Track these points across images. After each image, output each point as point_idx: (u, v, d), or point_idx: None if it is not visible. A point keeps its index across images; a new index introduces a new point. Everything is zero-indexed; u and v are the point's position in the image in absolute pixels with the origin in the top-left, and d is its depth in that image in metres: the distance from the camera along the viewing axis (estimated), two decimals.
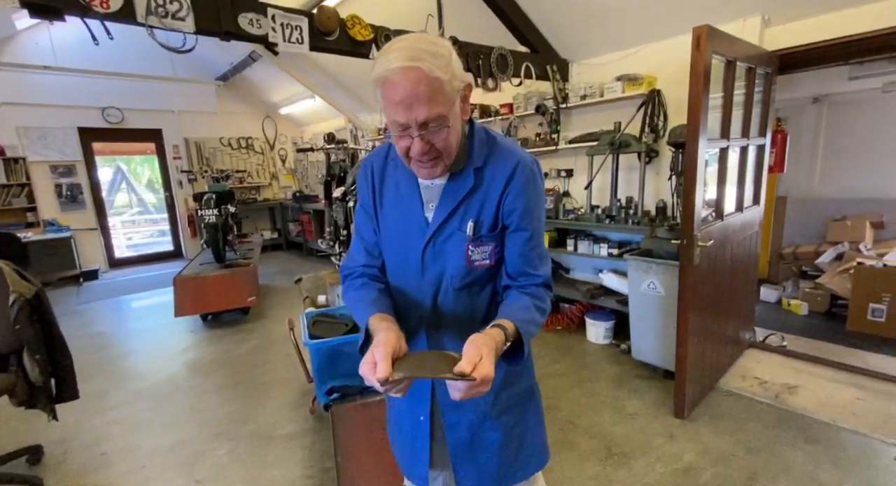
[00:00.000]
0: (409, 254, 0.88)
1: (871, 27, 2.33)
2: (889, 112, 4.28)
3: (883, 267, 3.40)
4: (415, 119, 0.71)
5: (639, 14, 3.00)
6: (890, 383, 2.52)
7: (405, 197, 0.88)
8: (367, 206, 0.93)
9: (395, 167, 0.90)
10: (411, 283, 0.90)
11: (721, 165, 2.41)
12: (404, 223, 0.89)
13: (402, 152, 0.78)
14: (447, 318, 0.90)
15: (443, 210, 0.85)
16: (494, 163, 0.85)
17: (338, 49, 2.52)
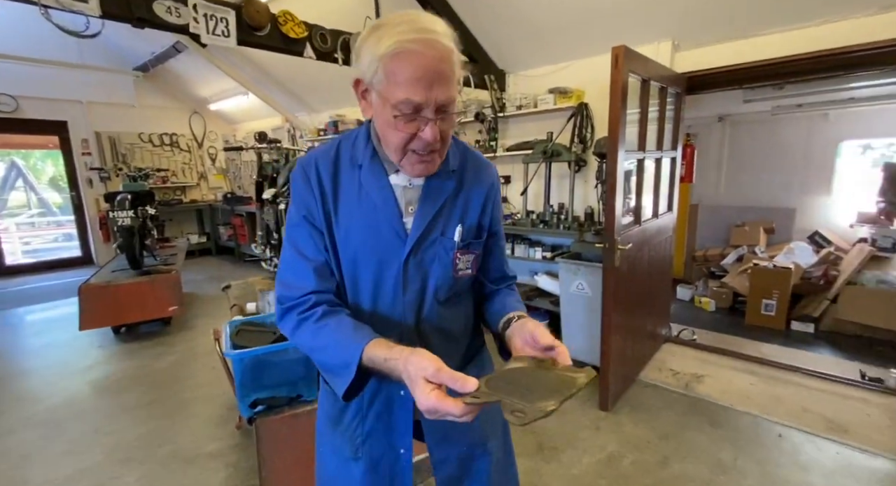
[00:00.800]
0: (384, 270, 0.76)
1: (759, 57, 2.66)
2: (777, 133, 4.92)
3: (773, 267, 3.89)
4: (434, 100, 0.63)
5: (568, 33, 3.19)
6: (777, 368, 2.88)
7: (375, 202, 0.76)
8: (315, 218, 0.76)
9: (350, 168, 0.77)
10: (386, 303, 0.78)
11: (638, 175, 2.62)
12: (374, 234, 0.76)
13: (401, 143, 0.68)
14: (433, 337, 0.81)
15: (425, 214, 0.77)
16: (473, 169, 0.83)
17: (269, 45, 2.42)
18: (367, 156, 0.77)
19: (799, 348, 3.30)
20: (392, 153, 0.72)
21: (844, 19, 2.37)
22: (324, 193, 0.76)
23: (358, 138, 0.79)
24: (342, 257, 0.77)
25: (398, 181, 0.77)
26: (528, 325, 0.71)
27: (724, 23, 2.69)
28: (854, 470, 1.91)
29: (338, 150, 0.79)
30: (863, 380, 2.66)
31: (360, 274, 0.77)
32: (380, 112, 0.68)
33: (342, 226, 0.76)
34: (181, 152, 7.38)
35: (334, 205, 0.76)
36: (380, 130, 0.72)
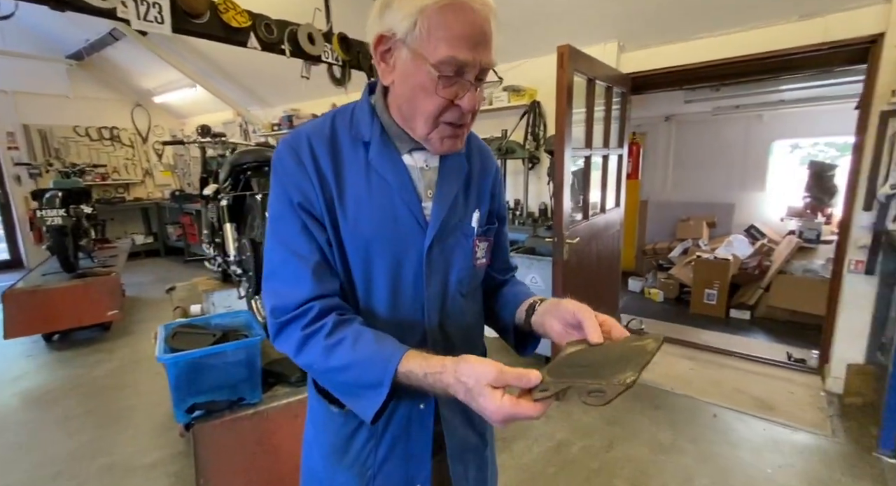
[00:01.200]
0: (403, 263, 0.67)
1: (697, 60, 2.81)
2: (717, 132, 5.22)
3: (714, 259, 4.13)
4: (479, 61, 0.58)
5: (519, 31, 3.24)
6: (715, 354, 3.07)
7: (390, 185, 0.66)
8: (313, 206, 0.64)
9: (353, 147, 0.67)
10: (406, 301, 0.68)
11: (586, 171, 2.71)
12: (391, 222, 0.66)
13: (436, 110, 0.60)
14: (457, 337, 0.74)
15: (445, 198, 0.70)
16: (478, 151, 0.78)
17: (208, 34, 2.30)
18: (375, 132, 0.67)
19: (736, 333, 3.53)
20: (420, 125, 0.63)
21: (769, 26, 2.54)
22: (322, 177, 0.64)
23: (358, 113, 0.69)
24: (351, 251, 0.66)
25: (412, 162, 0.69)
26: (566, 305, 0.64)
27: (666, 26, 2.82)
28: (778, 445, 2.07)
29: (333, 126, 0.68)
30: (789, 361, 2.89)
31: (375, 270, 0.66)
32: (411, 73, 0.59)
33: (350, 214, 0.65)
34: (123, 147, 6.92)
35: (338, 190, 0.65)
36: (407, 97, 0.62)
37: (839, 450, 2.00)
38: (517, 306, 0.76)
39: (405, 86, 0.62)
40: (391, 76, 0.63)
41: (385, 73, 0.64)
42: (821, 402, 2.40)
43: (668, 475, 1.88)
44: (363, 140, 0.67)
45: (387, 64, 0.63)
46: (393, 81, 0.64)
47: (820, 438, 2.10)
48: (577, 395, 0.48)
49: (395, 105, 0.66)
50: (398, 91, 0.64)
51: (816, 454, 1.99)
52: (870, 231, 2.29)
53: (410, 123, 0.65)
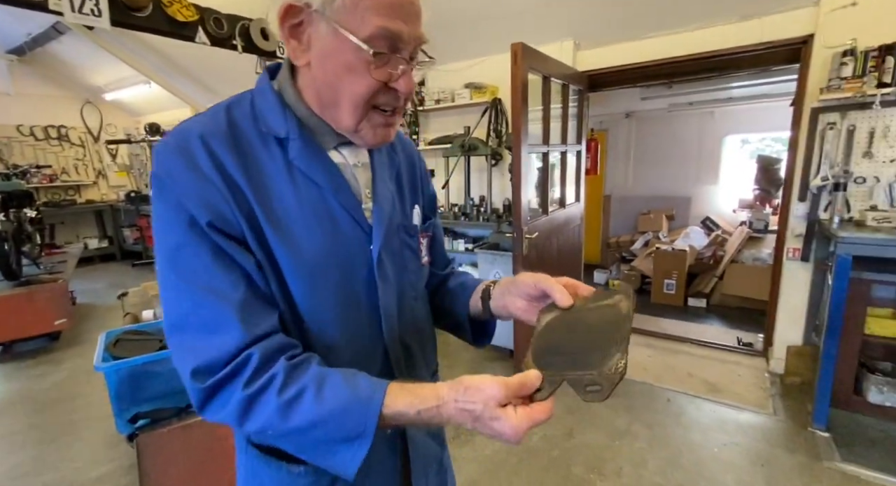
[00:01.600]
0: (352, 276, 0.58)
1: (649, 58, 2.91)
2: (673, 128, 5.42)
3: (672, 250, 4.30)
4: (414, 35, 0.52)
5: (477, 28, 3.26)
6: (671, 341, 3.20)
7: (323, 189, 0.56)
8: (229, 223, 0.51)
9: (262, 144, 0.55)
10: (361, 318, 0.59)
11: (545, 167, 2.76)
12: (331, 230, 0.57)
13: (367, 93, 0.52)
14: (416, 345, 0.68)
15: (385, 197, 0.63)
16: (399, 141, 0.72)
17: (152, 28, 2.21)
18: (292, 126, 0.56)
19: (693, 321, 3.69)
20: (346, 113, 0.54)
21: (712, 26, 2.66)
22: (233, 184, 0.51)
23: (261, 103, 0.57)
24: (289, 271, 0.53)
25: (342, 160, 0.61)
26: (524, 279, 0.61)
27: (619, 25, 2.90)
28: (724, 424, 2.18)
29: (231, 119, 0.55)
30: (739, 345, 3.05)
31: (320, 288, 0.55)
32: (333, 52, 0.50)
33: (282, 227, 0.53)
34: (73, 147, 6.55)
35: (257, 198, 0.52)
36: (328, 81, 0.53)
37: (779, 427, 2.13)
38: (468, 296, 0.73)
39: (325, 67, 0.52)
40: (305, 56, 0.53)
41: (297, 53, 0.54)
42: (764, 382, 2.54)
43: (622, 459, 1.95)
44: (277, 136, 0.56)
45: (299, 41, 0.53)
46: (308, 63, 0.54)
47: (762, 416, 2.23)
48: (574, 390, 0.46)
49: (312, 91, 0.56)
50: (316, 74, 0.54)
51: (759, 431, 2.11)
52: (804, 220, 2.44)
53: (333, 113, 0.55)
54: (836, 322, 1.97)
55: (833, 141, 2.30)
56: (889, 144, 2.18)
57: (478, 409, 0.45)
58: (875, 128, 2.20)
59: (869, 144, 2.22)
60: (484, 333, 0.76)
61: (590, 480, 1.84)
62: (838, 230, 2.03)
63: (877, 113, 2.15)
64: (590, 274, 4.87)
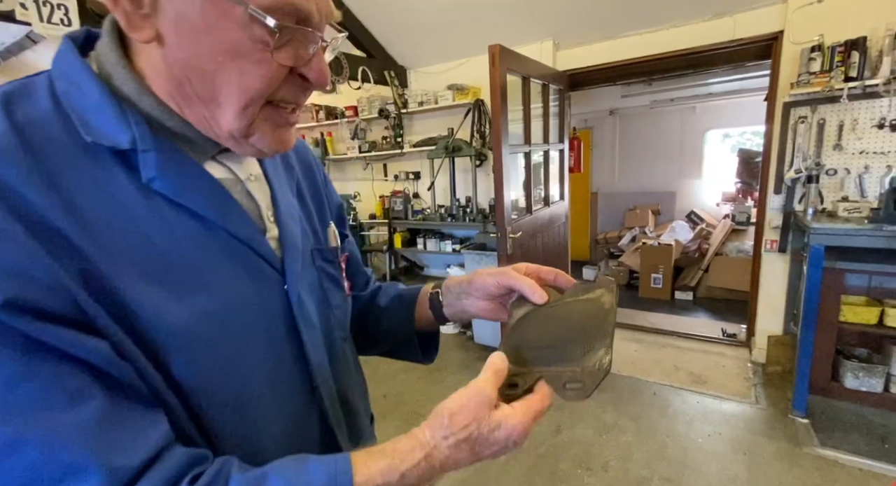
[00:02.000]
0: (266, 337, 0.44)
1: (627, 56, 2.95)
2: (656, 124, 5.49)
3: (658, 245, 4.36)
4: (327, 11, 0.39)
5: (458, 30, 3.29)
6: (658, 334, 3.25)
7: (206, 218, 0.40)
8: (51, 294, 0.32)
9: (90, 161, 0.36)
10: (285, 382, 0.46)
11: (527, 167, 2.79)
12: (229, 273, 0.41)
13: (267, 85, 0.37)
14: (352, 394, 0.56)
15: (292, 217, 0.50)
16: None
17: None
18: (140, 131, 0.37)
19: (680, 314, 3.75)
20: (232, 114, 0.38)
21: (687, 24, 2.71)
22: (44, 230, 0.32)
23: (71, 94, 0.37)
24: (172, 347, 0.37)
25: (226, 174, 0.44)
26: (482, 278, 0.54)
27: (597, 24, 2.94)
28: (708, 415, 2.23)
29: (15, 124, 0.34)
30: (723, 337, 3.11)
31: (224, 360, 0.40)
32: (205, 23, 0.34)
33: (150, 283, 0.36)
34: None
35: (94, 246, 0.34)
36: (199, 65, 0.36)
37: (760, 415, 2.18)
38: (410, 310, 0.63)
39: (194, 47, 0.35)
40: (149, 25, 0.35)
41: (133, 19, 0.35)
42: (747, 372, 2.60)
43: (609, 454, 1.98)
44: (115, 148, 0.37)
45: (137, 3, 0.34)
46: (157, 36, 0.36)
47: (744, 405, 2.28)
48: (553, 388, 0.42)
49: (166, 79, 0.38)
50: (175, 55, 0.36)
51: (741, 420, 2.16)
52: (781, 212, 2.50)
53: (208, 111, 0.38)
54: (811, 311, 2.02)
55: (805, 134, 2.36)
56: (857, 137, 2.24)
57: (473, 430, 0.37)
58: (844, 121, 2.26)
59: (839, 136, 2.28)
60: (433, 346, 0.67)
61: (577, 475, 1.87)
62: (811, 222, 2.09)
63: (844, 106, 2.20)
64: (578, 271, 4.92)
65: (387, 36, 3.63)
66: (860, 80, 2.11)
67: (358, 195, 4.22)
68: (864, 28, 2.13)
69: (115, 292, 0.35)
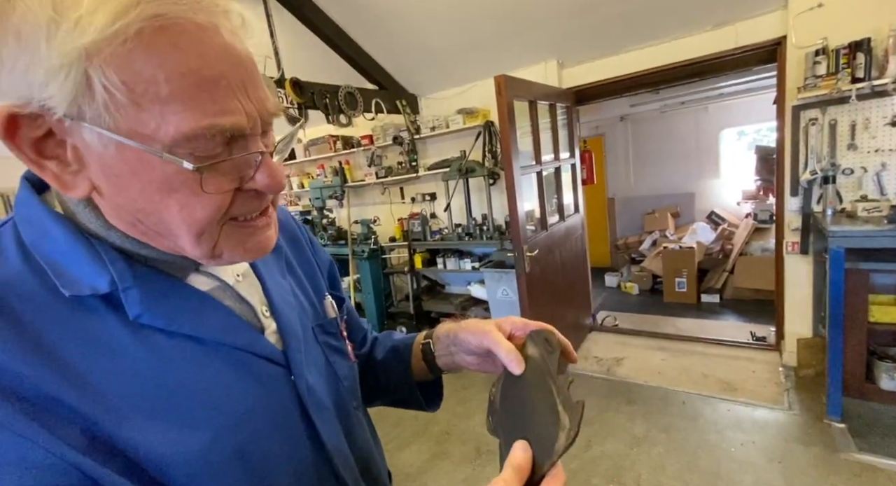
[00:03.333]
0: (284, 436, 0.44)
1: (631, 70, 3.02)
2: (669, 127, 5.48)
3: (679, 248, 4.33)
4: (263, 112, 0.36)
5: (464, 57, 3.42)
6: (684, 341, 3.23)
7: (204, 341, 0.40)
8: (62, 477, 0.31)
9: (74, 313, 0.36)
10: (310, 472, 0.46)
11: (539, 184, 2.87)
12: (238, 398, 0.41)
13: (214, 213, 0.36)
14: (373, 461, 0.57)
15: (288, 305, 0.49)
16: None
17: None
18: (118, 269, 0.37)
19: (708, 318, 3.71)
20: (190, 244, 0.37)
21: (688, 36, 2.76)
22: (49, 400, 0.32)
23: (41, 243, 0.36)
24: (190, 479, 0.36)
25: (211, 283, 0.44)
26: (464, 336, 0.53)
27: (599, 43, 3.02)
28: (741, 423, 2.21)
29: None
30: (752, 340, 3.07)
31: (248, 474, 0.40)
32: (127, 170, 0.33)
33: (144, 431, 0.35)
34: None
35: (93, 402, 0.34)
36: (142, 207, 0.35)
37: (794, 421, 2.16)
38: (406, 362, 0.62)
39: (127, 192, 0.34)
40: (82, 180, 0.34)
41: (65, 178, 0.34)
42: (778, 377, 2.57)
43: (641, 467, 2.00)
44: (94, 293, 0.36)
45: (61, 160, 0.34)
46: (93, 188, 0.35)
47: (777, 411, 2.26)
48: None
49: (123, 220, 0.37)
50: (118, 201, 0.35)
51: (775, 427, 2.14)
52: (799, 214, 2.49)
53: (169, 242, 0.37)
54: (838, 313, 2.01)
55: (817, 136, 2.36)
56: (871, 135, 2.24)
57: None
58: (856, 121, 2.26)
59: (851, 136, 2.28)
60: (436, 394, 0.65)
61: None
62: (829, 224, 2.09)
63: (854, 107, 2.21)
64: (601, 278, 4.92)
65: (396, 67, 3.80)
66: (868, 80, 2.12)
67: (377, 219, 4.36)
68: (867, 29, 2.14)
69: (122, 444, 0.34)
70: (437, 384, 0.64)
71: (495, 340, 0.49)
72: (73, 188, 0.34)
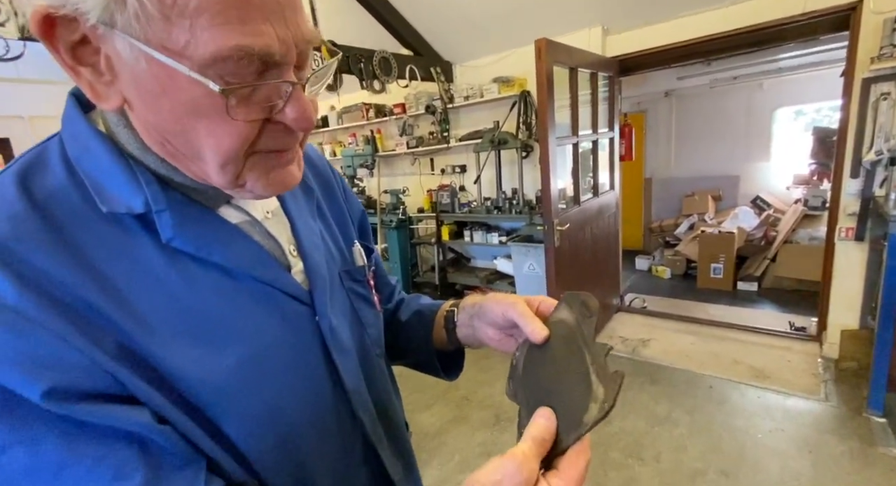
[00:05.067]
0: (304, 374, 0.45)
1: (683, 38, 2.82)
2: (717, 104, 5.15)
3: (718, 233, 4.15)
4: (293, 38, 0.33)
5: (504, 22, 3.29)
6: (716, 327, 3.13)
7: (231, 271, 0.41)
8: (92, 379, 0.33)
9: (113, 229, 0.37)
10: (328, 412, 0.47)
11: (574, 157, 2.77)
12: (261, 329, 0.42)
13: (240, 143, 0.35)
14: (392, 410, 0.57)
15: (315, 246, 0.49)
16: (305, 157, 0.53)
17: None
18: (152, 191, 0.37)
19: (743, 306, 3.57)
20: (214, 171, 0.36)
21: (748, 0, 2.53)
22: (76, 308, 0.33)
23: (83, 159, 0.37)
24: (212, 401, 0.38)
25: (242, 217, 0.44)
26: (491, 306, 0.51)
27: (649, 8, 2.82)
28: (770, 410, 2.15)
29: (33, 200, 0.35)
30: (791, 330, 2.93)
31: (264, 408, 0.41)
32: (156, 86, 0.32)
33: (172, 349, 0.36)
34: None
35: (125, 312, 0.35)
36: (170, 128, 0.35)
37: (830, 413, 2.07)
38: (429, 327, 0.62)
39: (156, 109, 0.34)
40: (114, 92, 0.34)
41: (96, 89, 0.34)
42: (816, 368, 2.45)
43: (661, 445, 1.98)
44: (130, 212, 0.37)
45: (94, 69, 0.33)
46: (125, 101, 0.35)
47: (812, 402, 2.17)
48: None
49: (153, 137, 0.37)
50: (147, 118, 0.35)
51: (808, 417, 2.07)
52: (858, 198, 2.31)
53: (196, 167, 0.37)
54: (891, 305, 1.88)
55: (888, 112, 2.15)
56: None
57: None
58: None
59: None
60: (456, 365, 0.65)
61: (628, 465, 1.90)
62: (892, 208, 1.93)
63: None
64: (631, 261, 4.79)
65: (432, 32, 3.70)
66: None
67: (407, 190, 4.36)
68: None
69: (152, 358, 0.35)
70: (457, 354, 0.63)
71: (520, 310, 0.47)
72: (106, 99, 0.34)
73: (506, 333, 0.52)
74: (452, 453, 2.08)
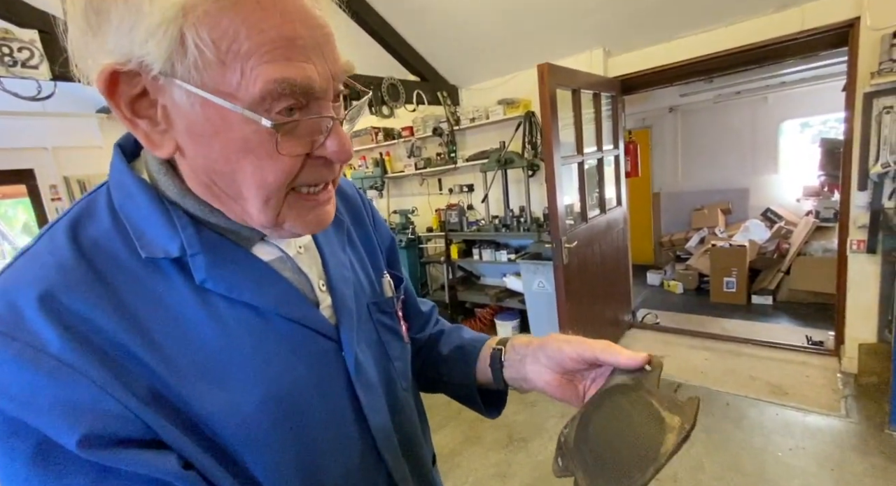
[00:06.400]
0: (329, 411, 0.45)
1: (682, 57, 2.89)
2: (722, 119, 5.19)
3: (729, 246, 4.12)
4: (330, 72, 0.36)
5: (507, 47, 3.40)
6: (732, 342, 3.08)
7: (260, 310, 0.42)
8: (125, 426, 0.34)
9: (150, 274, 0.38)
10: (352, 452, 0.47)
11: (580, 175, 2.82)
12: (289, 366, 0.42)
13: (284, 177, 0.37)
14: (418, 445, 0.56)
15: (345, 280, 0.50)
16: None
17: None
18: (188, 235, 0.39)
19: (758, 320, 3.52)
20: (256, 208, 0.38)
21: (748, 20, 2.60)
22: (113, 356, 0.35)
23: (127, 207, 0.40)
24: (239, 442, 0.38)
25: (273, 254, 0.46)
26: (559, 346, 0.49)
27: (649, 29, 2.90)
28: (790, 428, 2.10)
29: (81, 249, 0.37)
30: (808, 344, 2.88)
31: (290, 444, 0.41)
32: (214, 128, 0.35)
33: (201, 392, 0.37)
34: None
35: (159, 357, 0.36)
36: (218, 169, 0.37)
37: (851, 429, 2.03)
38: (471, 364, 0.60)
39: (207, 151, 0.36)
40: (168, 140, 0.37)
41: (153, 138, 0.37)
42: (836, 383, 2.40)
43: (678, 464, 1.95)
44: (166, 256, 0.38)
45: (151, 120, 0.36)
46: (178, 149, 0.37)
47: (832, 418, 2.12)
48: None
49: (199, 182, 0.40)
50: (196, 162, 0.38)
51: (829, 434, 2.02)
52: (867, 210, 2.31)
53: (237, 207, 0.40)
54: None
55: (891, 125, 2.17)
56: None
57: None
58: None
59: None
60: (500, 400, 0.63)
61: None
62: None
63: None
64: (642, 276, 4.77)
65: (438, 59, 3.83)
66: None
67: (415, 210, 4.44)
68: None
69: (181, 402, 0.36)
70: (500, 395, 0.62)
71: (602, 345, 0.46)
72: (160, 147, 0.37)
73: (566, 377, 0.49)
74: (467, 474, 2.06)
